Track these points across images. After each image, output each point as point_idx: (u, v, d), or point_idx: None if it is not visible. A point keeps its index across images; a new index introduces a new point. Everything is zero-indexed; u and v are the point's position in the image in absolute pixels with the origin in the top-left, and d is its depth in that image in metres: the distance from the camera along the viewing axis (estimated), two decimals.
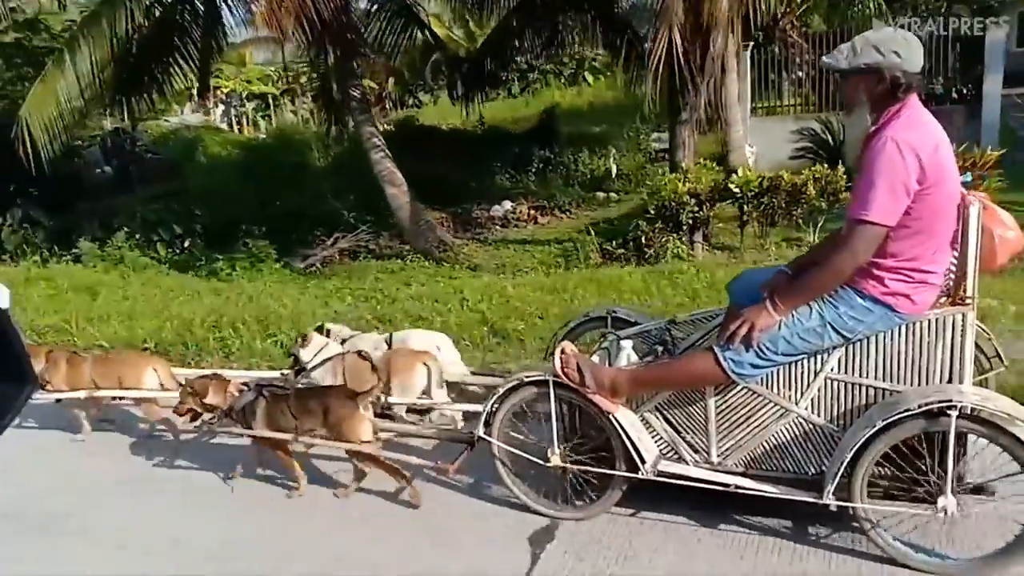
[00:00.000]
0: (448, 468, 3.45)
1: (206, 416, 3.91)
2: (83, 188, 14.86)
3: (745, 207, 8.32)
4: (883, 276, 2.75)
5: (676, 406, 3.19)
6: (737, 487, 3.04)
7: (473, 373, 4.65)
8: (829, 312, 2.80)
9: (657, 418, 3.23)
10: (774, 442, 3.06)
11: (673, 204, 8.27)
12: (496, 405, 3.41)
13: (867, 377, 2.88)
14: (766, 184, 8.11)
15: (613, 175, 13.13)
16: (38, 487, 4.10)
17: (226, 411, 3.79)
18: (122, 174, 16.69)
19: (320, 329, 4.75)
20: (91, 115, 11.73)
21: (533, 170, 13.75)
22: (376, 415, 3.82)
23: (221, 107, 22.48)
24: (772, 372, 2.96)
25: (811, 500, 2.91)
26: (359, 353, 4.41)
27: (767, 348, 2.85)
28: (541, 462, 3.34)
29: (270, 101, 24.71)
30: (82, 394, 4.49)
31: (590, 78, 19.77)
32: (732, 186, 8.25)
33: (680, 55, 7.88)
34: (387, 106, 20.08)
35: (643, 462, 3.12)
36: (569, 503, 3.38)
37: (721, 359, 2.90)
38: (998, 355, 3.43)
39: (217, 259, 10.13)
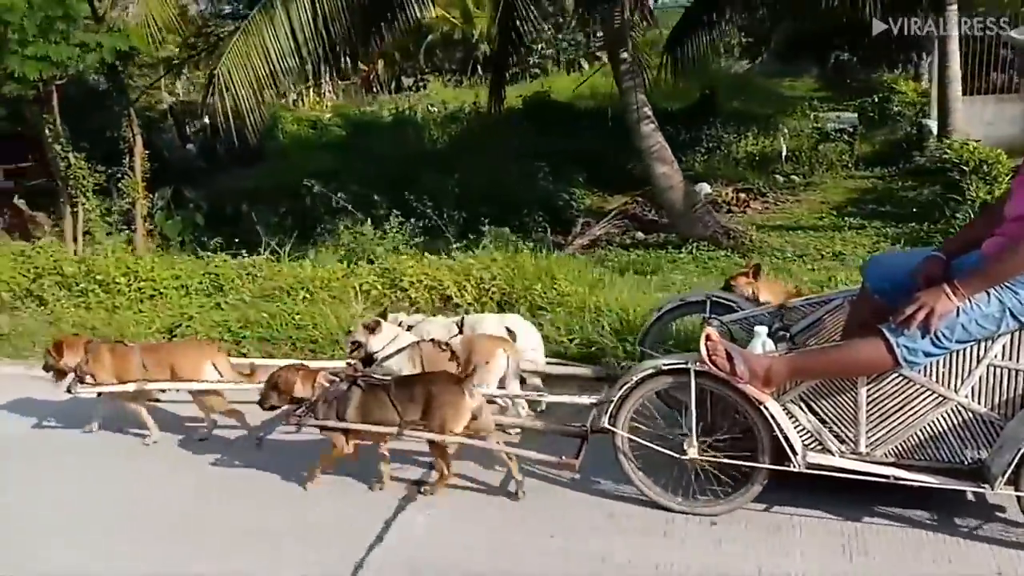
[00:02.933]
0: (573, 463, 3.26)
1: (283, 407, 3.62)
2: (175, 167, 12.73)
3: None
4: None
5: (823, 396, 3.06)
6: (896, 478, 2.93)
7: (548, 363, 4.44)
8: (1009, 298, 2.70)
9: (801, 408, 3.09)
10: (929, 431, 2.96)
11: None
12: (625, 395, 3.21)
13: None
14: None
15: (783, 156, 12.26)
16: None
17: (312, 403, 3.50)
18: (206, 152, 14.41)
19: (383, 315, 4.47)
20: (303, 77, 9.66)
21: (702, 150, 12.78)
22: None
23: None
24: (933, 359, 2.86)
25: (978, 490, 2.84)
26: (435, 341, 4.17)
27: (944, 335, 2.73)
28: (677, 455, 3.18)
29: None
30: (131, 387, 4.11)
31: (586, 65, 19.53)
32: None
33: None
34: (375, 89, 19.21)
35: (795, 454, 2.98)
36: (701, 498, 3.23)
37: (895, 345, 2.77)
38: None
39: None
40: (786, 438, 2.98)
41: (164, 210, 10.11)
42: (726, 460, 3.12)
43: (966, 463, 2.94)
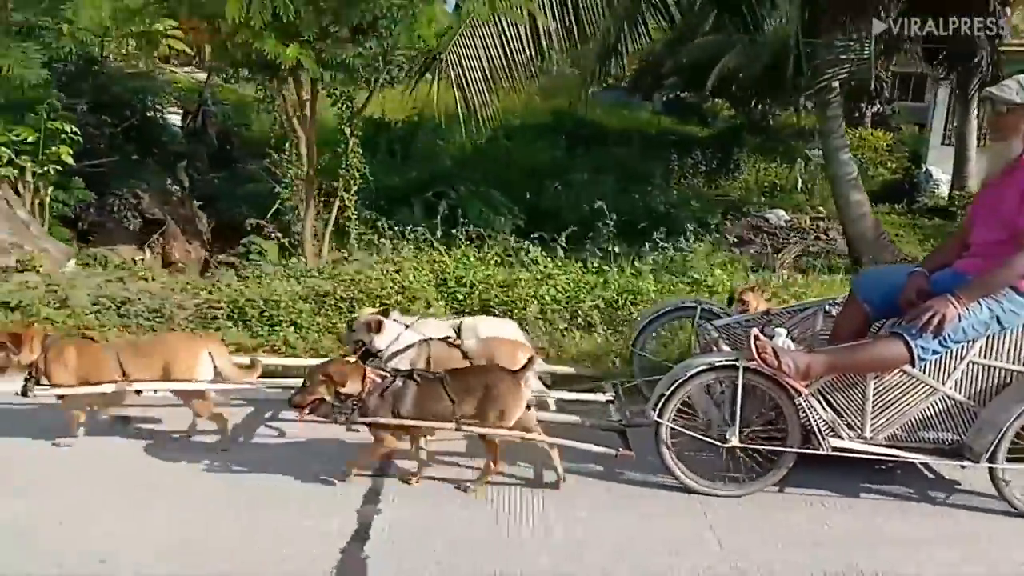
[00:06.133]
0: (630, 454, 3.48)
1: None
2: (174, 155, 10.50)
3: None
4: None
5: (837, 389, 3.54)
6: (902, 459, 3.49)
7: None
8: (995, 307, 3.33)
9: (819, 400, 3.55)
10: (920, 418, 3.53)
11: None
12: (673, 390, 3.49)
13: (1003, 361, 3.47)
14: None
15: (798, 186, 12.56)
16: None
17: (361, 399, 3.40)
18: (197, 138, 12.10)
19: (385, 314, 4.38)
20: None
21: (740, 176, 13.05)
22: None
23: None
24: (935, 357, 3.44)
25: (963, 465, 3.46)
26: (447, 340, 4.18)
27: (949, 336, 3.31)
28: (719, 444, 3.51)
29: None
30: (109, 388, 3.67)
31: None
32: None
33: None
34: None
35: (822, 438, 3.44)
36: (732, 482, 3.58)
37: (912, 345, 3.30)
38: None
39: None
40: (816, 425, 3.43)
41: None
42: (764, 447, 3.51)
43: (947, 444, 3.56)
